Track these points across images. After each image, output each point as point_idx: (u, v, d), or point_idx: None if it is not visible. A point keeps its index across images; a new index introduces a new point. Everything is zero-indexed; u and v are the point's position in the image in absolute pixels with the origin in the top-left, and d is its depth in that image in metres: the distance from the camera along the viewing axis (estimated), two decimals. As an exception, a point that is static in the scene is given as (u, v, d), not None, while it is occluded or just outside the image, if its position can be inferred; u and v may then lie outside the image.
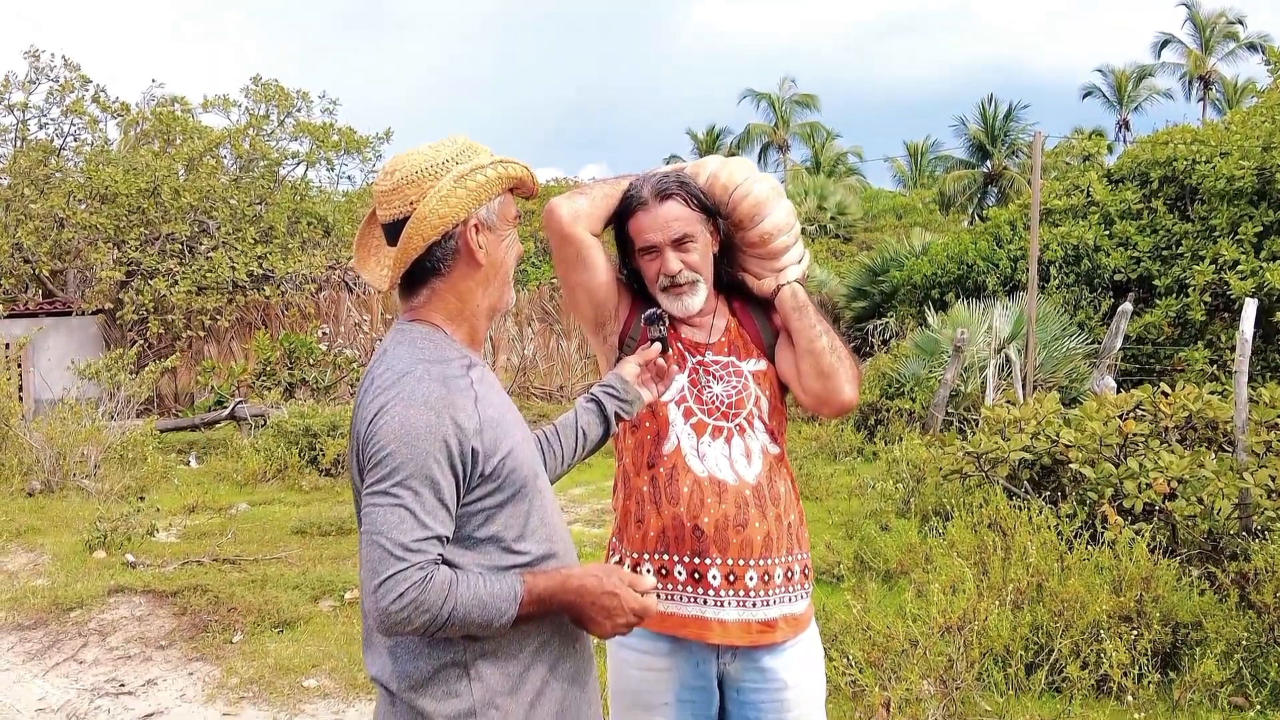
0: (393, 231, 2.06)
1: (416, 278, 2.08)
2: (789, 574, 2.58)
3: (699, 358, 2.66)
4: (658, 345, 2.52)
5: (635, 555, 2.59)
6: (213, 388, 18.06)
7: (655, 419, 2.61)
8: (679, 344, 2.67)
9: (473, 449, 1.91)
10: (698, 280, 2.62)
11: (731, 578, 2.51)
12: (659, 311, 2.59)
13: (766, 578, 2.53)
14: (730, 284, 2.76)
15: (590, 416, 2.46)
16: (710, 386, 2.63)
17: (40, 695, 5.58)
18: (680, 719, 2.59)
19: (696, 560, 2.51)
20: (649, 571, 2.55)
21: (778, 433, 2.66)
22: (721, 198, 2.64)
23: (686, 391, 2.63)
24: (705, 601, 2.51)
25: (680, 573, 2.53)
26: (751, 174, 2.67)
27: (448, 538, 1.90)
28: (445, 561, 1.91)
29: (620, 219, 2.67)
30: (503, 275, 2.15)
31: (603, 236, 2.70)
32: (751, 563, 2.51)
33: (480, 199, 2.05)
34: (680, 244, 2.59)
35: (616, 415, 2.47)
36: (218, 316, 18.96)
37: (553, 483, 2.31)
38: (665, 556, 2.55)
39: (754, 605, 2.52)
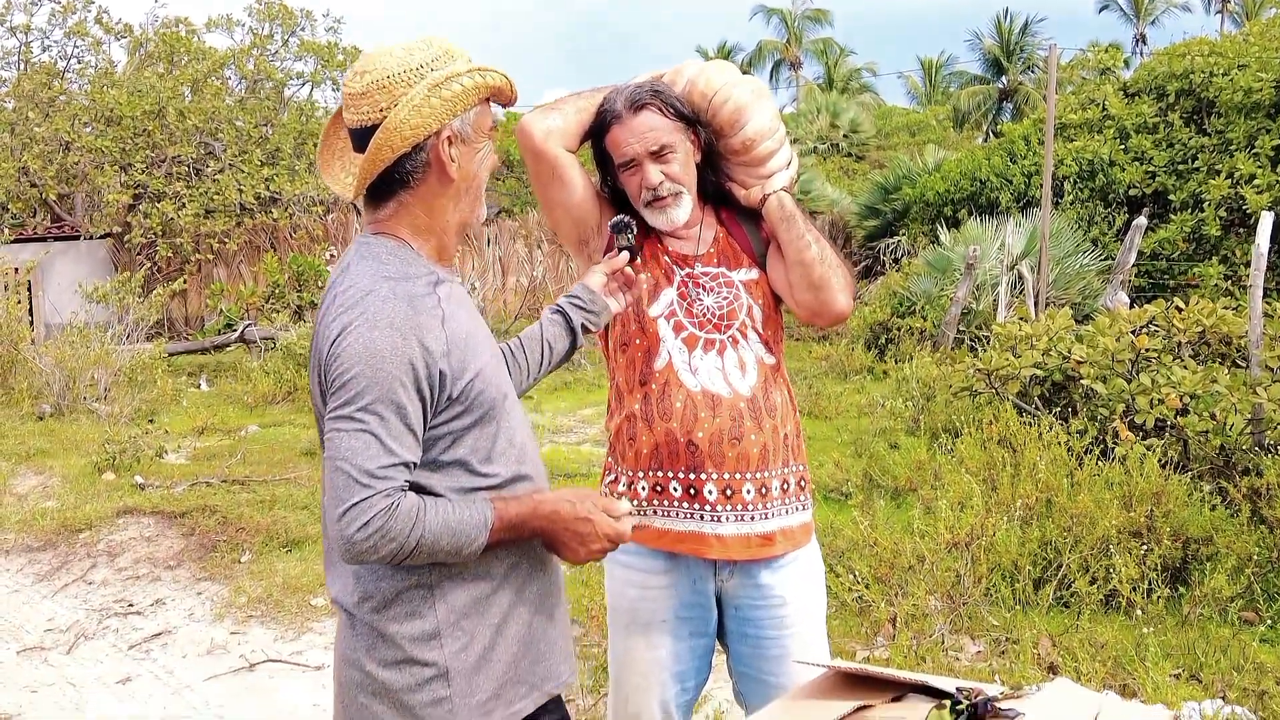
0: (360, 138, 1.95)
1: (383, 189, 1.97)
2: (785, 486, 2.53)
3: (688, 270, 2.57)
4: (625, 254, 2.44)
5: (630, 473, 2.54)
6: (222, 310, 18.06)
7: (645, 335, 2.54)
8: (666, 257, 2.58)
9: (440, 372, 1.84)
10: (681, 191, 2.52)
11: (729, 492, 2.46)
12: (626, 219, 2.48)
13: (764, 490, 2.48)
14: (718, 193, 2.66)
15: (556, 329, 2.38)
16: (700, 299, 2.54)
17: (49, 615, 5.62)
18: (678, 636, 2.56)
19: (692, 475, 2.46)
20: (644, 489, 2.51)
21: (773, 342, 2.58)
22: (700, 104, 2.53)
23: (676, 305, 2.54)
24: (702, 517, 2.47)
25: (676, 489, 2.48)
26: (731, 78, 2.55)
27: (415, 464, 1.84)
28: (412, 486, 1.85)
29: (597, 135, 2.56)
30: (475, 189, 2.05)
31: (579, 154, 2.60)
32: (748, 476, 2.46)
33: (455, 109, 1.93)
34: (659, 155, 2.49)
35: (583, 326, 2.39)
36: (226, 239, 18.85)
37: (519, 397, 2.24)
38: (660, 473, 2.50)
39: (752, 519, 2.47)
